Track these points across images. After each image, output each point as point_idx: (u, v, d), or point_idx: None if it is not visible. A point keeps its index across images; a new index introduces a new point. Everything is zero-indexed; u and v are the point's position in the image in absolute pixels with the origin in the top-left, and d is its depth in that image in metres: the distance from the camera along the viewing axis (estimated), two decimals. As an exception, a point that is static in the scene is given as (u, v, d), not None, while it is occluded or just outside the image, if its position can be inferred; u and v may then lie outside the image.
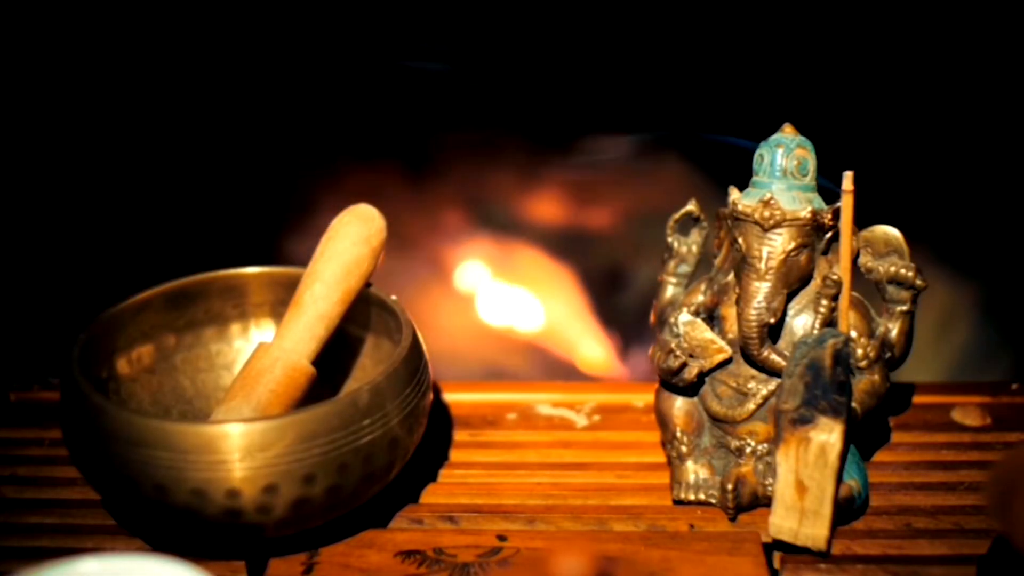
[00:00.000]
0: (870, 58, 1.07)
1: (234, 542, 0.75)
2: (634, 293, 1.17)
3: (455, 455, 0.89)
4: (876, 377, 0.79)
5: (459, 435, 0.91)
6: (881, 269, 0.80)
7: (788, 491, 0.74)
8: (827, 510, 0.73)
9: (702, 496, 0.81)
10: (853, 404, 0.77)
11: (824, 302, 0.78)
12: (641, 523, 0.79)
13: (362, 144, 1.14)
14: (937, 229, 1.02)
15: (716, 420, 0.81)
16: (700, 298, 0.83)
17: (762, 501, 0.79)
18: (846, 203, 0.76)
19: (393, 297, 0.84)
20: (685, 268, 0.88)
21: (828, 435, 0.72)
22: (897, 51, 1.07)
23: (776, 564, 0.76)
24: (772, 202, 0.77)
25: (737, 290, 0.79)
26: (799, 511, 0.74)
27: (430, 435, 0.84)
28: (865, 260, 0.80)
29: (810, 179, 0.79)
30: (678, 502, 0.81)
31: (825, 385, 0.74)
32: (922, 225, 0.88)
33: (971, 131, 1.09)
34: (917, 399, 0.93)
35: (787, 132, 0.80)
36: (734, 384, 0.80)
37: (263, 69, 1.11)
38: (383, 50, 1.11)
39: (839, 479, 0.74)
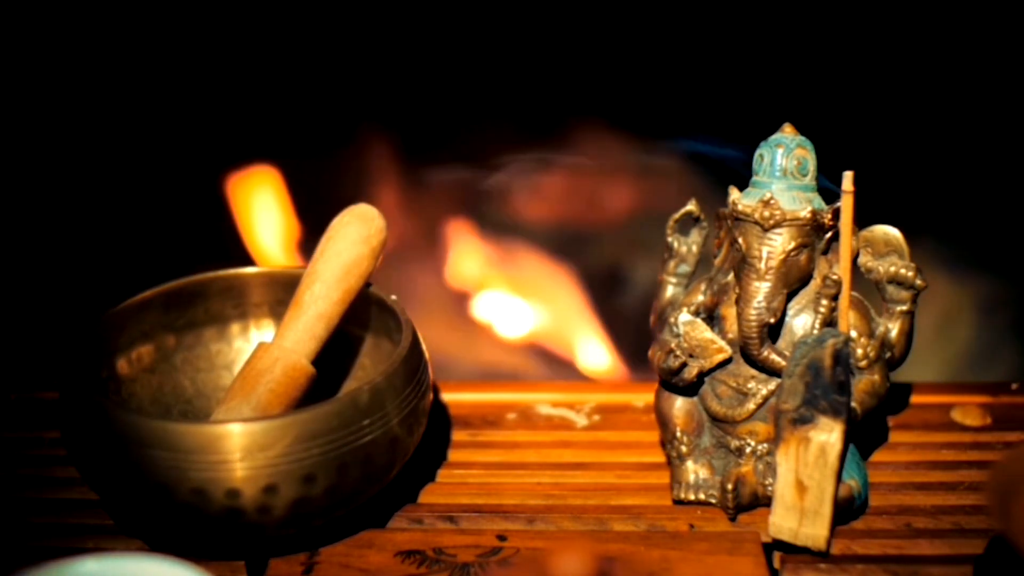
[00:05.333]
0: (870, 58, 1.07)
1: (234, 542, 0.75)
2: (634, 293, 1.17)
3: (455, 455, 0.89)
4: (876, 377, 0.79)
5: (459, 435, 0.91)
6: (881, 269, 0.80)
7: (788, 491, 0.74)
8: (827, 510, 0.73)
9: (702, 496, 0.81)
10: (853, 404, 0.77)
11: (824, 302, 0.78)
12: (641, 523, 0.79)
13: (361, 143, 1.14)
14: (937, 229, 1.02)
15: (716, 420, 0.81)
16: (700, 298, 0.83)
17: (762, 501, 0.79)
18: (846, 203, 0.76)
19: (393, 297, 0.84)
20: (685, 268, 0.88)
21: (828, 435, 0.72)
22: (897, 51, 1.07)
23: (776, 564, 0.76)
24: (772, 202, 0.77)
25: (737, 290, 0.79)
26: (799, 511, 0.74)
27: (430, 435, 0.84)
28: (865, 260, 0.80)
29: (810, 179, 0.79)
30: (678, 502, 0.81)
31: (825, 385, 0.74)
32: (922, 225, 0.88)
33: (971, 130, 1.09)
34: (917, 399, 0.93)
35: (787, 132, 0.80)
36: (734, 384, 0.80)
37: (262, 68, 1.11)
38: (381, 47, 1.11)
39: (839, 479, 0.74)
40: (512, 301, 1.20)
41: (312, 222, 0.89)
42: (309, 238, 0.85)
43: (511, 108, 1.12)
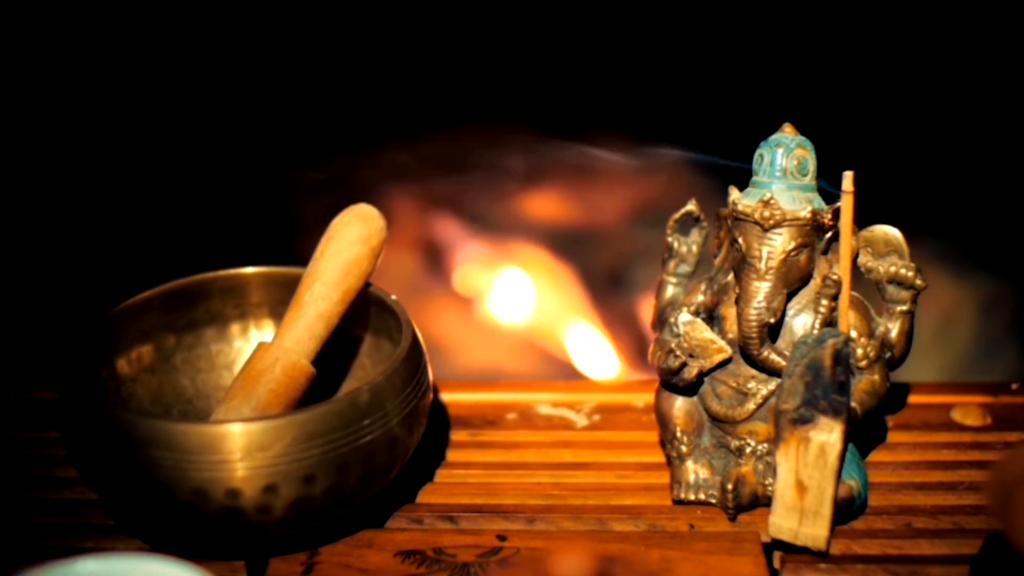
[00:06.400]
0: (870, 58, 1.07)
1: (234, 542, 0.75)
2: (634, 293, 1.17)
3: (455, 455, 0.89)
4: (876, 377, 0.79)
5: (459, 435, 0.91)
6: (881, 269, 0.80)
7: (788, 491, 0.74)
8: (827, 510, 0.73)
9: (702, 496, 0.81)
10: (853, 404, 0.77)
11: (824, 302, 0.78)
12: (641, 523, 0.79)
13: (361, 143, 1.14)
14: (937, 229, 1.02)
15: (716, 420, 0.81)
16: (700, 298, 0.83)
17: (762, 501, 0.79)
18: (846, 203, 0.76)
19: (393, 297, 0.84)
20: (685, 268, 0.88)
21: (828, 435, 0.72)
22: (897, 51, 1.07)
23: (776, 564, 0.76)
24: (772, 202, 0.77)
25: (737, 290, 0.79)
26: (799, 511, 0.74)
27: (430, 435, 0.84)
28: (865, 260, 0.80)
29: (810, 179, 0.79)
30: (678, 502, 0.81)
31: (825, 385, 0.74)
32: (922, 225, 0.87)
33: (971, 130, 1.09)
34: (917, 399, 0.93)
35: (787, 132, 0.80)
36: (734, 384, 0.80)
37: (261, 68, 1.11)
38: (383, 50, 1.11)
39: (839, 479, 0.74)
40: (512, 301, 1.20)
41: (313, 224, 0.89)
42: (310, 240, 0.85)
43: (512, 109, 1.12)
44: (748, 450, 0.80)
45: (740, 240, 0.78)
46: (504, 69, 1.12)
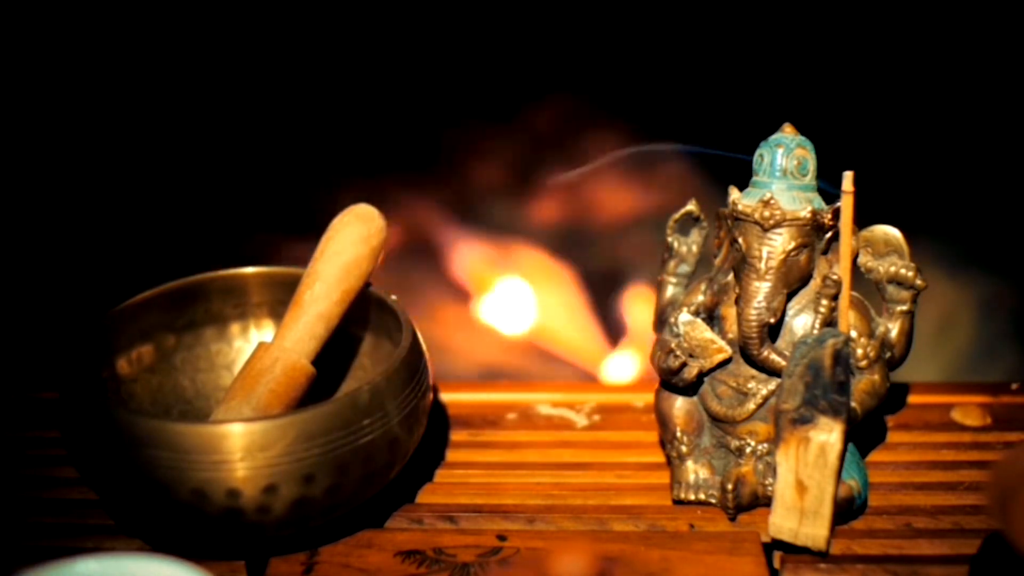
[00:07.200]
0: (870, 58, 1.07)
1: (234, 542, 0.75)
2: (634, 293, 1.17)
3: (455, 455, 0.89)
4: (876, 377, 0.79)
5: (459, 435, 0.91)
6: (881, 269, 0.80)
7: (788, 491, 0.74)
8: (827, 510, 0.73)
9: (702, 496, 0.81)
10: (853, 404, 0.77)
11: (824, 302, 0.78)
12: (641, 523, 0.79)
13: (362, 143, 1.14)
14: (937, 229, 1.02)
15: (716, 420, 0.81)
16: (700, 298, 0.83)
17: (762, 501, 0.79)
18: (846, 203, 0.76)
19: (393, 297, 0.84)
20: (685, 268, 0.88)
21: (828, 435, 0.72)
22: (897, 51, 1.07)
23: (776, 564, 0.76)
24: (772, 202, 0.77)
25: (737, 290, 0.79)
26: (799, 511, 0.74)
27: (430, 435, 0.84)
28: (865, 260, 0.80)
29: (810, 179, 0.79)
30: (678, 502, 0.81)
31: (825, 385, 0.74)
32: (922, 225, 0.88)
33: (971, 130, 1.09)
34: (917, 399, 0.92)
35: (787, 132, 0.80)
36: (734, 384, 0.80)
37: (263, 69, 1.11)
38: (383, 50, 1.11)
39: (839, 479, 0.74)
40: (512, 301, 1.20)
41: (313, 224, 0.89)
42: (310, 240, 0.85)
43: (511, 109, 1.12)
44: (748, 450, 0.80)
45: (740, 240, 0.78)
46: (503, 69, 1.12)
